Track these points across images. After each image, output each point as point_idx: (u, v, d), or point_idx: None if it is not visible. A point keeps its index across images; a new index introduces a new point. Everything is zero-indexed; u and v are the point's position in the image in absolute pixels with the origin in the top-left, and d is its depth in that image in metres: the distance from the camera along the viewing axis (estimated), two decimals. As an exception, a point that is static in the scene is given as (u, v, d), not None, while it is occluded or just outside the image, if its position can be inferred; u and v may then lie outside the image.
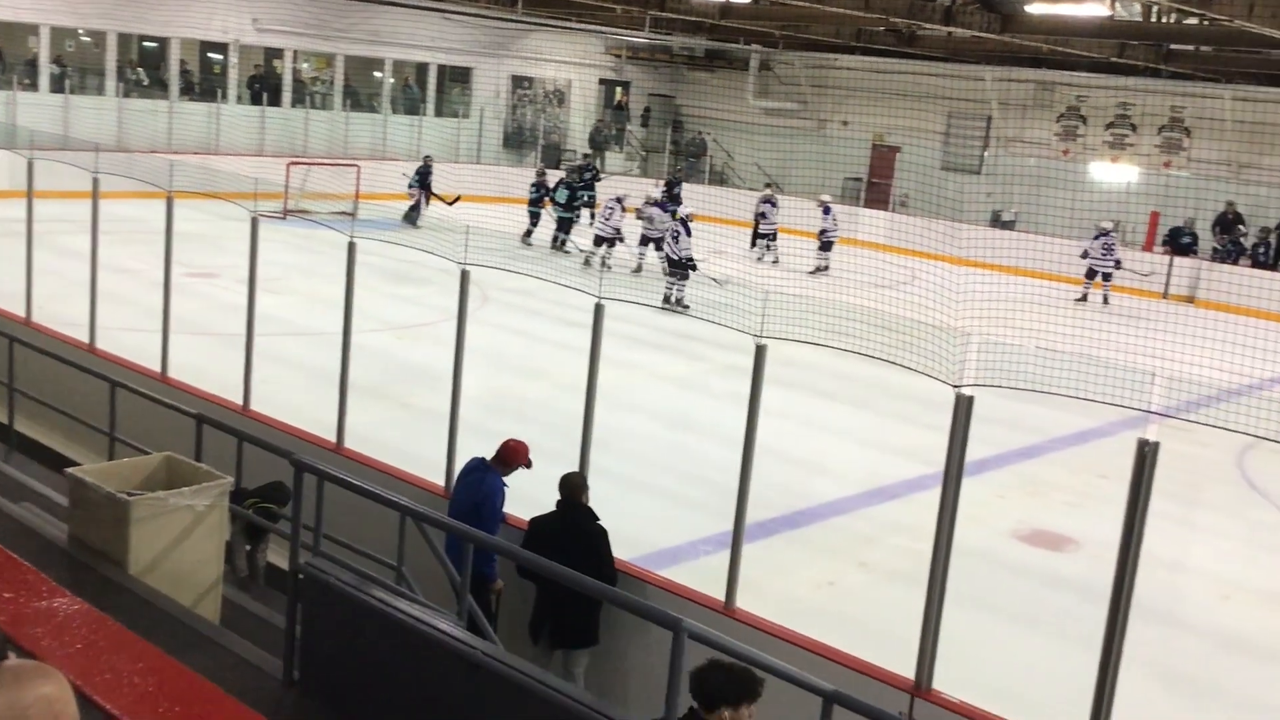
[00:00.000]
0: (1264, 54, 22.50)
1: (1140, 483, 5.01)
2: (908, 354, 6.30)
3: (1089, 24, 21.98)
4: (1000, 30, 21.34)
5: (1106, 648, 5.14)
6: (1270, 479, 12.32)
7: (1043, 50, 23.77)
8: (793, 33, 27.95)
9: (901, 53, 27.48)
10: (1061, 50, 23.29)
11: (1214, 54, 23.80)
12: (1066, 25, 21.94)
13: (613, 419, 9.29)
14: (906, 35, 26.21)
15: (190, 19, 26.82)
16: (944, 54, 27.30)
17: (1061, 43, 22.62)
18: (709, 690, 4.03)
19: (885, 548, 9.63)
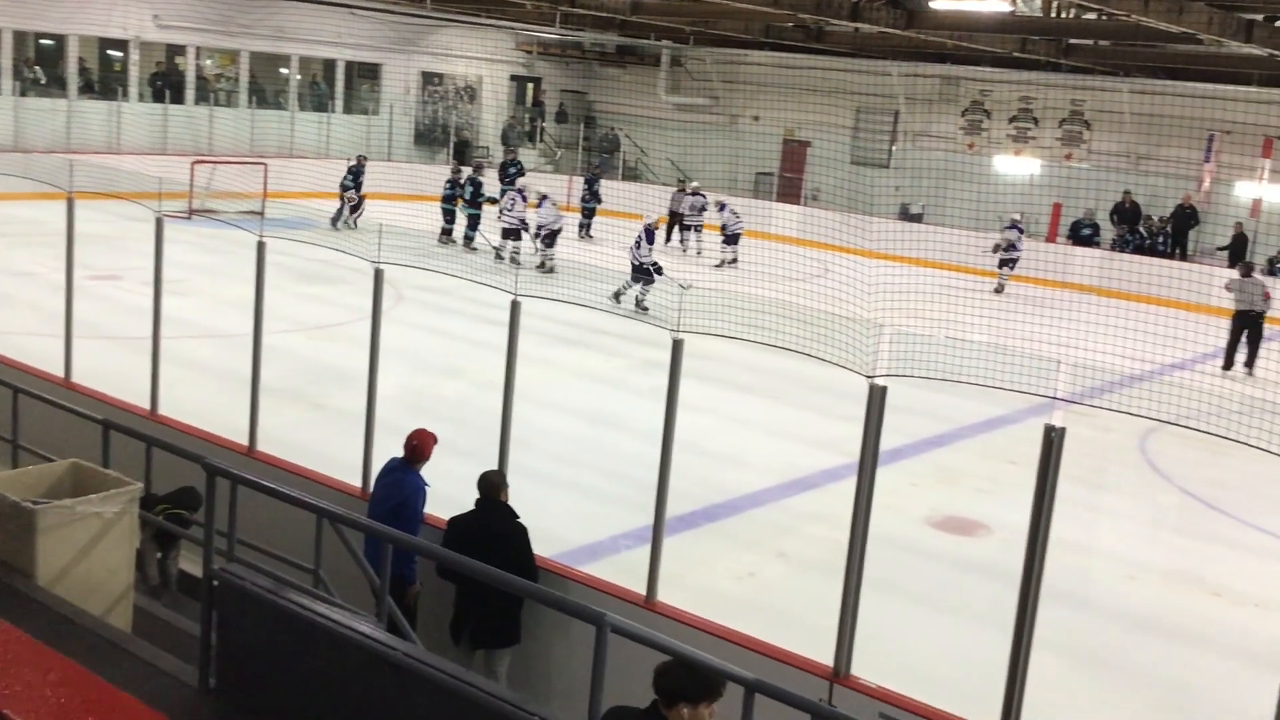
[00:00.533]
0: (1160, 48, 23.16)
1: (1047, 468, 5.14)
2: (822, 346, 6.38)
3: (991, 20, 22.44)
4: (906, 26, 21.69)
5: (1018, 629, 5.26)
6: (1171, 461, 12.70)
7: (947, 46, 24.21)
8: (703, 29, 28.11)
9: (810, 48, 27.79)
10: (965, 46, 23.74)
11: (1112, 48, 24.45)
12: (970, 21, 22.38)
13: (531, 416, 9.27)
14: (815, 31, 26.50)
15: (89, 15, 26.14)
16: (851, 50, 27.65)
17: (965, 38, 23.06)
18: (670, 686, 4.06)
19: (803, 538, 9.74)
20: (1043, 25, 23.21)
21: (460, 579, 6.57)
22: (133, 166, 15.35)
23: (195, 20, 27.58)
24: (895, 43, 25.02)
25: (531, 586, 5.31)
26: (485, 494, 6.84)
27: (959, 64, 27.79)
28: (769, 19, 26.18)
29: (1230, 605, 9.16)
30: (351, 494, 7.88)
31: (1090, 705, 7.42)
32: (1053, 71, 26.26)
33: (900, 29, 21.75)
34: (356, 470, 7.95)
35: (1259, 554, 10.26)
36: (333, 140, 29.26)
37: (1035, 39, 23.47)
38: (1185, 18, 16.26)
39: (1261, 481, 11.34)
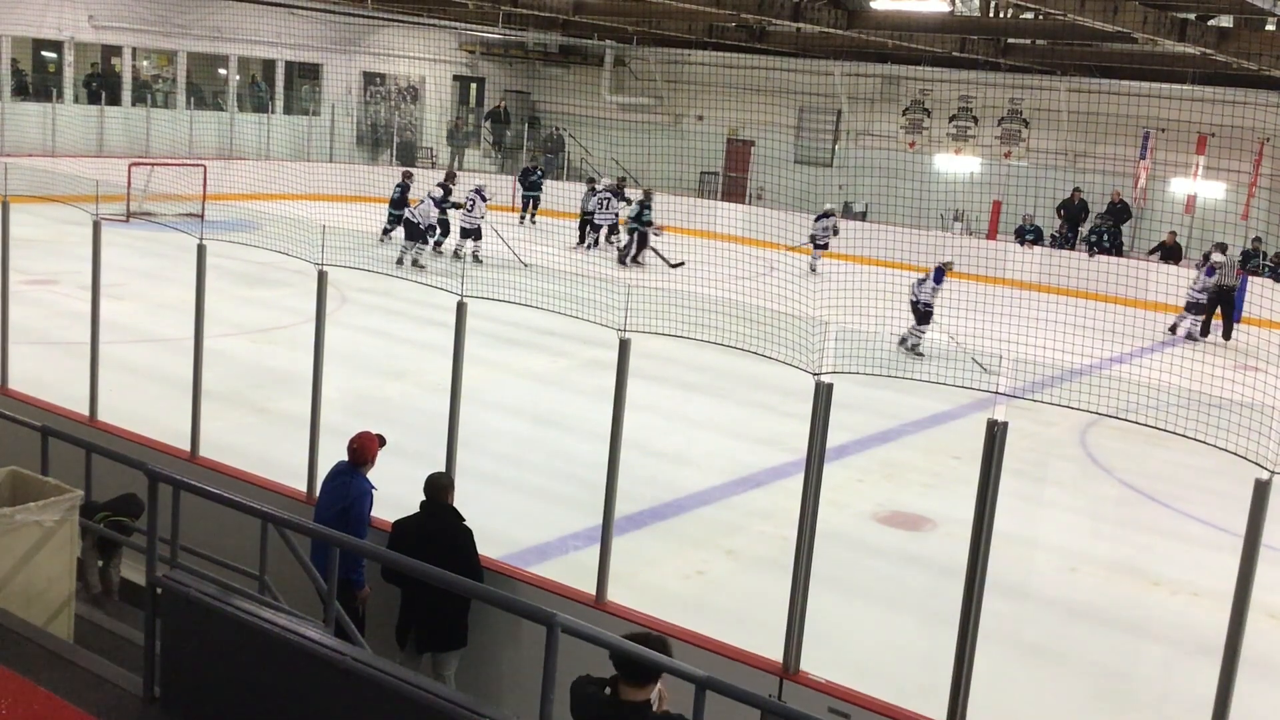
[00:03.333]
0: (1096, 47, 23.54)
1: (991, 462, 5.21)
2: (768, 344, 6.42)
3: (931, 19, 22.69)
4: (847, 26, 21.86)
5: (963, 622, 5.33)
6: (1111, 454, 12.91)
7: (888, 46, 24.43)
8: (646, 29, 28.13)
9: (752, 48, 27.92)
10: (905, 45, 23.97)
11: (1049, 48, 24.81)
12: (910, 21, 22.61)
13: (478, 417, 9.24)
14: (757, 31, 26.63)
15: (22, 16, 25.64)
16: (794, 49, 27.83)
17: (905, 38, 23.29)
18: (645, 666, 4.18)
19: (751, 535, 9.79)
20: (981, 25, 23.51)
21: (406, 582, 6.53)
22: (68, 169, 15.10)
23: (131, 20, 27.14)
24: (837, 42, 25.21)
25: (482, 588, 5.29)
26: (431, 496, 6.81)
27: (900, 63, 28.05)
28: (711, 19, 26.26)
29: (1169, 594, 9.33)
30: (297, 498, 7.81)
31: (1034, 695, 7.53)
32: (991, 71, 26.60)
33: (841, 29, 21.92)
34: (301, 474, 7.88)
35: (1196, 544, 10.45)
36: (273, 141, 28.93)
37: (974, 39, 23.76)
38: (1120, 17, 16.53)
39: (1199, 473, 11.57)
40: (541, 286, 7.64)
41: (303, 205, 22.55)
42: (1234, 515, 4.92)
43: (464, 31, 31.19)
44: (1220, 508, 10.64)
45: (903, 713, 5.55)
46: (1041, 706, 7.41)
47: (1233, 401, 5.68)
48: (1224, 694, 4.81)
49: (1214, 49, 18.85)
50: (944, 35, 23.54)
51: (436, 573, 5.16)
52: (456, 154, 32.23)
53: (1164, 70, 23.92)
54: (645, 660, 4.36)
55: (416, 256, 19.78)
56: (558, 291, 7.42)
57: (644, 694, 4.41)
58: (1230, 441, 5.06)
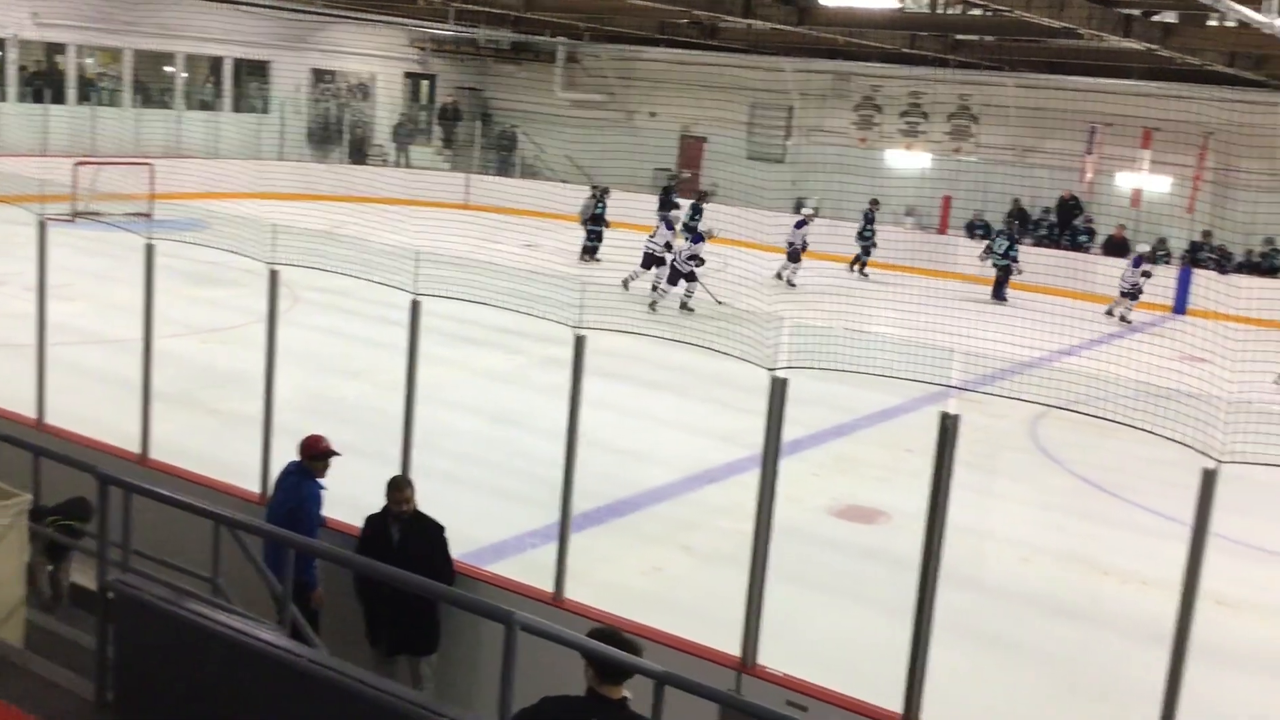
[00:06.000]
0: (1042, 43, 23.80)
1: (943, 454, 5.27)
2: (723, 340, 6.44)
3: (881, 16, 22.84)
4: (798, 23, 21.95)
5: (918, 613, 5.38)
6: (1061, 445, 13.08)
7: (838, 42, 24.55)
8: (598, 25, 28.10)
9: (704, 45, 27.96)
10: (856, 42, 24.11)
11: (997, 44, 25.05)
12: (860, 18, 22.74)
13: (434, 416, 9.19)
14: (708, 28, 26.67)
15: (-38, 13, 25.20)
16: (745, 46, 27.90)
17: (856, 34, 23.42)
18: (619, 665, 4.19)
19: (708, 530, 9.83)
20: (930, 22, 23.71)
21: (381, 587, 6.46)
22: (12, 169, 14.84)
23: (75, 18, 26.72)
24: (788, 39, 25.31)
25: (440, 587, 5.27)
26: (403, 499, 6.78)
27: (850, 60, 28.20)
28: (663, 16, 26.26)
29: (1119, 583, 9.47)
30: (249, 500, 7.74)
31: (988, 684, 7.62)
32: (941, 67, 26.80)
33: (792, 25, 22.01)
34: (254, 476, 7.81)
35: (1146, 533, 10.61)
36: (222, 139, 28.61)
37: (923, 35, 23.94)
38: (1066, 13, 16.72)
39: (1147, 463, 11.73)
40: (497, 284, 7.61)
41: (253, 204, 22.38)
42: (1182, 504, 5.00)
43: (415, 28, 30.99)
44: (1169, 497, 10.79)
45: (860, 704, 5.59)
46: (995, 695, 7.50)
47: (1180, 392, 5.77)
48: (1174, 681, 4.89)
49: (1158, 44, 19.12)
50: (894, 32, 23.70)
51: (406, 576, 5.13)
52: (403, 151, 32.04)
53: (1110, 66, 24.24)
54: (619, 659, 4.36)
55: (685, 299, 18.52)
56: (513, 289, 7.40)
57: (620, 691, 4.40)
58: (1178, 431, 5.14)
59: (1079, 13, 16.86)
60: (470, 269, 7.83)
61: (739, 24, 23.92)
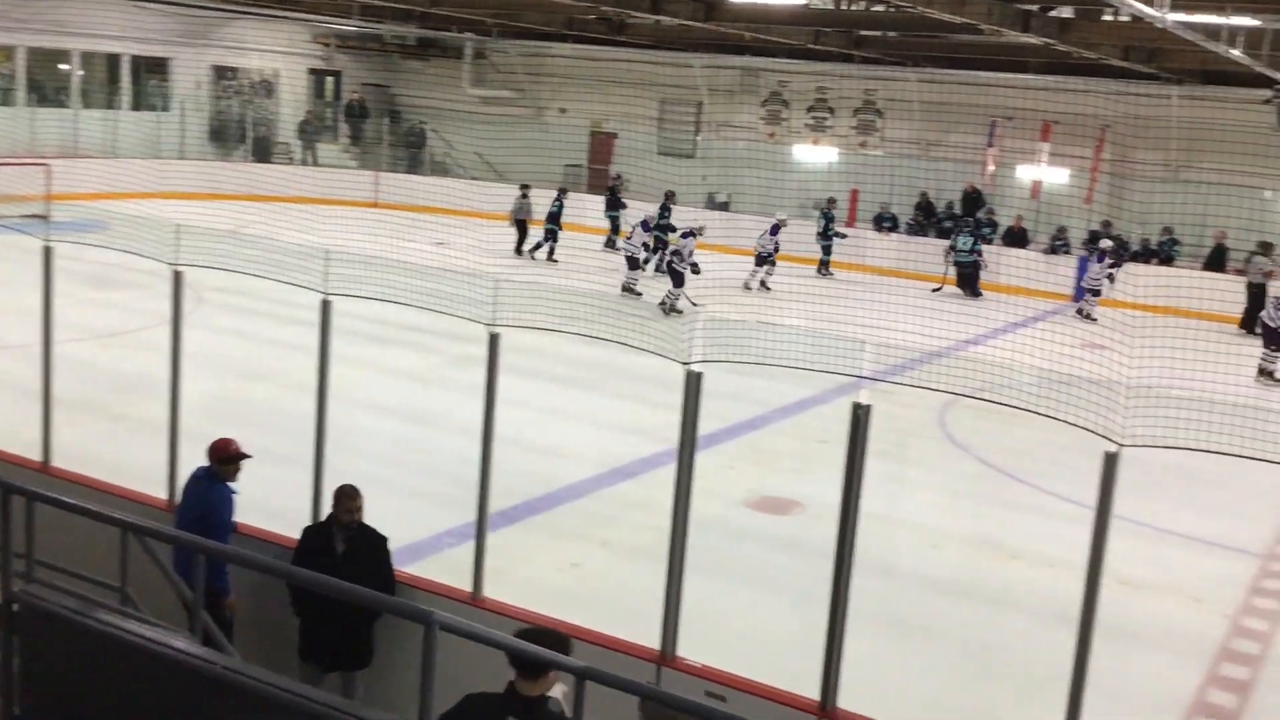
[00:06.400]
0: (944, 38, 24.25)
1: (856, 444, 5.34)
2: (638, 335, 6.46)
3: (786, 12, 23.07)
4: (705, 19, 22.08)
5: (834, 602, 5.46)
6: (968, 433, 13.35)
7: (745, 38, 24.75)
8: (505, 21, 27.97)
9: (613, 40, 27.98)
10: (762, 38, 24.33)
11: (900, 39, 25.46)
12: (766, 14, 22.95)
13: (347, 417, 9.09)
14: (617, 24, 26.69)
15: None
16: (653, 42, 27.98)
17: (762, 30, 23.64)
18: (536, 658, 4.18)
19: (626, 525, 9.86)
20: (835, 18, 24.00)
21: (319, 599, 6.31)
22: (-102, 170, 14.31)
23: (-37, 14, 25.89)
24: (696, 35, 25.45)
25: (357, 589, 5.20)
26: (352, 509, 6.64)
27: (758, 56, 28.44)
28: (571, 11, 26.23)
29: (1027, 567, 9.70)
30: (157, 506, 7.57)
31: (902, 669, 7.76)
32: (846, 63, 27.16)
33: (700, 22, 22.13)
34: (161, 482, 7.64)
35: (1051, 517, 10.88)
36: (121, 138, 27.90)
37: (828, 31, 24.23)
38: (966, 9, 17.06)
39: (1051, 448, 12.02)
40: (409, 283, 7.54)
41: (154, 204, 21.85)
42: (1086, 488, 5.14)
43: (318, 24, 30.52)
44: (1073, 481, 11.06)
45: (778, 692, 5.65)
46: (910, 680, 7.64)
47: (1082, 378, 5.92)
48: (1081, 659, 5.02)
49: (1056, 39, 19.60)
50: (799, 28, 23.95)
51: (345, 588, 5.03)
52: (309, 149, 31.56)
53: (1009, 60, 24.78)
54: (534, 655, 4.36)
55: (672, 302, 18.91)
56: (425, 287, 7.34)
57: (539, 688, 4.40)
58: (1080, 416, 5.28)
59: (979, 8, 17.21)
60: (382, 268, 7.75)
61: (647, 20, 24.00)
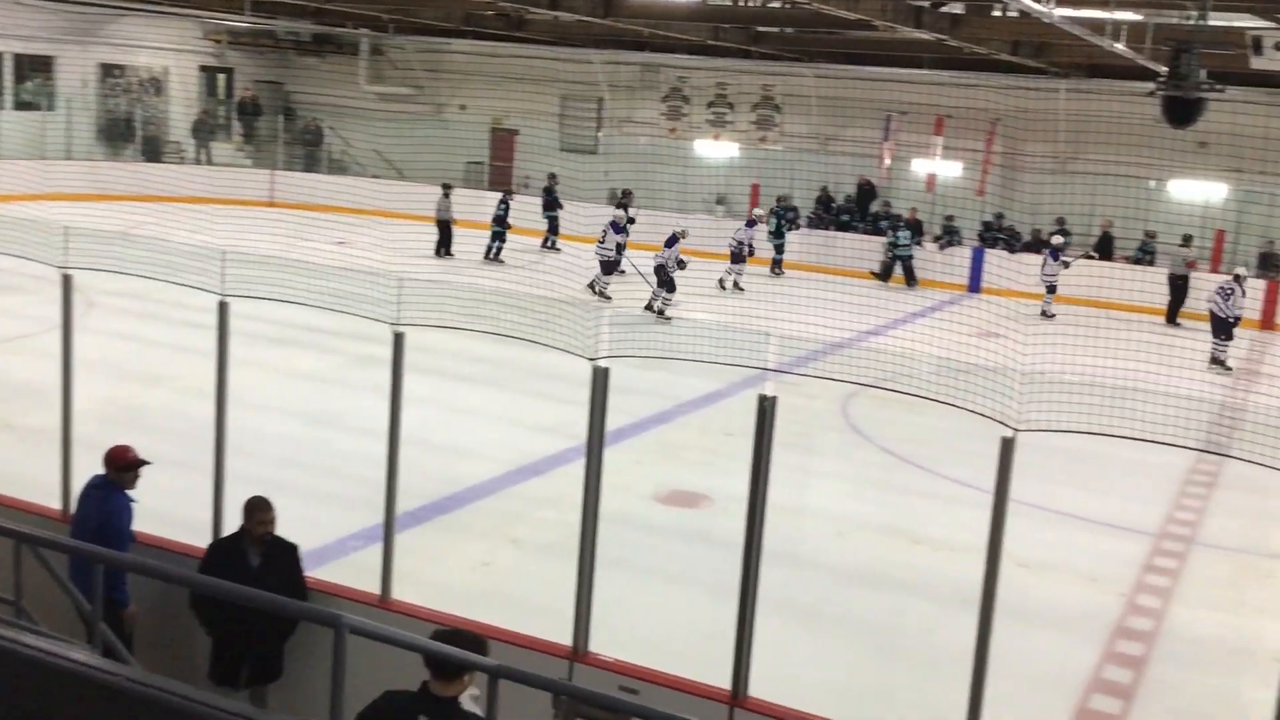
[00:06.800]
0: (840, 34, 24.57)
1: (762, 436, 5.40)
2: (544, 332, 6.45)
3: (684, 8, 23.19)
4: (604, 14, 22.08)
5: (743, 592, 5.52)
6: (871, 422, 13.58)
7: (644, 34, 24.81)
8: (402, 17, 27.65)
9: (512, 36, 27.84)
10: (662, 34, 24.42)
11: (797, 35, 25.74)
12: (665, 10, 23.05)
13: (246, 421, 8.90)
14: (515, 20, 26.57)
15: None
16: (553, 38, 27.90)
17: (662, 26, 23.72)
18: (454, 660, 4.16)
19: (534, 523, 9.84)
20: (733, 14, 24.18)
21: (232, 615, 6.14)
22: None
23: None
24: (595, 31, 25.43)
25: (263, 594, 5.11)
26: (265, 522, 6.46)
27: (657, 52, 28.54)
28: (469, 7, 26.04)
29: (930, 551, 9.91)
30: (51, 516, 7.34)
31: (811, 656, 7.87)
32: (744, 58, 27.39)
33: (599, 18, 22.13)
34: (55, 491, 7.42)
35: (952, 502, 11.13)
36: (4, 139, 26.98)
37: (726, 27, 24.41)
38: (861, 6, 17.32)
39: (950, 435, 12.27)
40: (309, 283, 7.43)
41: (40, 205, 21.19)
42: (984, 473, 5.26)
43: (209, 20, 29.83)
44: (972, 466, 11.30)
45: (690, 684, 5.70)
46: (818, 667, 7.75)
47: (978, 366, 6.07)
48: (983, 640, 5.14)
49: (947, 34, 20.00)
50: (698, 24, 24.09)
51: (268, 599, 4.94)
52: (203, 148, 30.86)
53: (903, 56, 25.22)
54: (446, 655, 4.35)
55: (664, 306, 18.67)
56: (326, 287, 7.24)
57: (454, 689, 4.39)
58: (977, 403, 5.41)
59: (872, 5, 17.48)
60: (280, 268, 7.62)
61: (546, 16, 23.91)
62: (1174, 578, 9.71)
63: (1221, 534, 10.89)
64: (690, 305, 18.45)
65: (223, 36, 31.95)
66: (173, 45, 31.42)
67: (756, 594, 5.50)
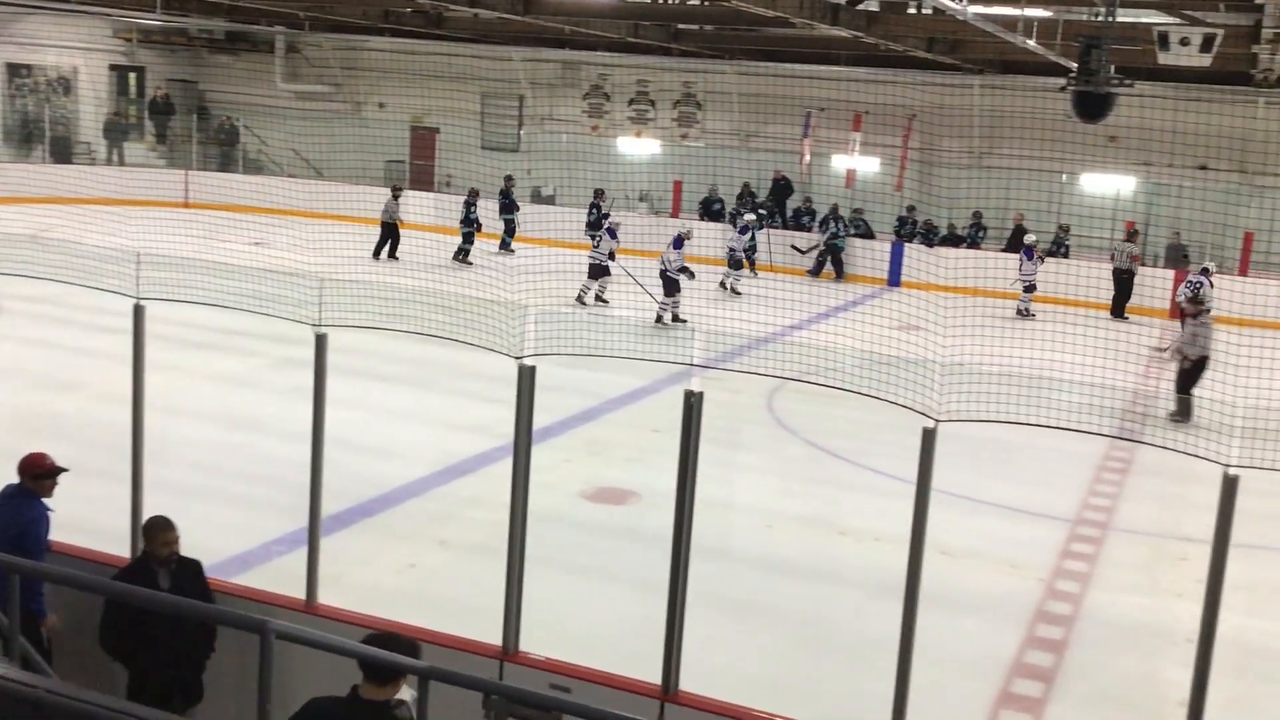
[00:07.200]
0: (759, 31, 24.76)
1: (689, 432, 5.43)
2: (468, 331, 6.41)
3: (604, 6, 23.21)
4: (524, 12, 22.02)
5: (672, 588, 5.54)
6: (795, 416, 13.71)
7: (565, 31, 24.78)
8: (318, 14, 27.30)
9: (431, 34, 27.64)
10: (582, 31, 24.40)
11: (716, 33, 25.89)
12: (585, 8, 23.04)
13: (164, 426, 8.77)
14: (434, 17, 26.38)
15: None
16: (473, 35, 27.75)
17: (582, 24, 23.71)
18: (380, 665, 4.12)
19: (462, 523, 9.79)
20: (653, 11, 24.26)
21: (153, 639, 5.97)
22: None
23: None
24: (515, 28, 25.33)
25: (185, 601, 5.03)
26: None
27: (577, 49, 28.52)
28: (387, 4, 25.80)
29: (855, 542, 10.04)
30: (-37, 529, 7.14)
31: (740, 648, 7.93)
32: (665, 55, 27.47)
33: (518, 15, 22.06)
34: (-34, 503, 7.21)
35: (876, 493, 11.27)
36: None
37: (646, 24, 24.47)
38: (779, 3, 17.47)
39: (874, 428, 12.44)
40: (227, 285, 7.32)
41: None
42: (907, 463, 5.34)
43: (119, 18, 29.17)
44: (895, 458, 11.47)
45: (621, 680, 5.71)
46: (747, 658, 7.82)
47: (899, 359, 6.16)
48: (908, 627, 5.23)
49: (864, 31, 20.26)
50: (618, 21, 24.12)
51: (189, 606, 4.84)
52: (114, 148, 30.19)
53: (822, 53, 25.48)
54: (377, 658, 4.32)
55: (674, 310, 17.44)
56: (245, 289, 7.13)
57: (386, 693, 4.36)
58: (899, 395, 5.50)
59: (790, 2, 17.65)
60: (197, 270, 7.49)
61: (465, 13, 23.77)
62: (1091, 563, 9.94)
63: (1136, 519, 11.18)
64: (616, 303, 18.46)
65: (133, 35, 31.28)
66: (82, 44, 30.70)
67: (686, 588, 5.53)
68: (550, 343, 6.02)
